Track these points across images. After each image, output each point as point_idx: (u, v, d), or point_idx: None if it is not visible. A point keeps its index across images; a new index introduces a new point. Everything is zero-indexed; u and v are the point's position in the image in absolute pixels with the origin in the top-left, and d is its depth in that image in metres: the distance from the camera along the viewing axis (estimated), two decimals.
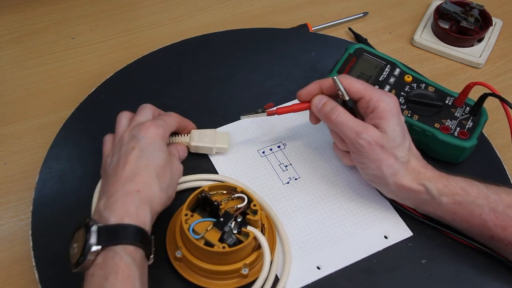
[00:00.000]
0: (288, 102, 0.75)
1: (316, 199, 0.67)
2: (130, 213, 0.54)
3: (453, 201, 0.60)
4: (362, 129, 0.60)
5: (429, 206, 0.62)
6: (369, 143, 0.60)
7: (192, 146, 0.69)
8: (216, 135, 0.70)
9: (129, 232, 0.53)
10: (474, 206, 0.60)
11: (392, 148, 0.60)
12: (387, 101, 0.61)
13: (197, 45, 0.83)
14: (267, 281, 0.59)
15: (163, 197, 0.58)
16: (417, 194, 0.61)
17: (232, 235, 0.58)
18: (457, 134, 0.68)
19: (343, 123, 0.61)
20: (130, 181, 0.56)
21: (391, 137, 0.60)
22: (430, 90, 0.72)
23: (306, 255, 0.63)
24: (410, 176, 0.61)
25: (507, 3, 0.96)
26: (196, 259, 0.58)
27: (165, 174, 0.59)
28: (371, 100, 0.61)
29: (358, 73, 0.73)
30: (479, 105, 0.69)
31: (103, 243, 0.52)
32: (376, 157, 0.60)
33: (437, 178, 0.61)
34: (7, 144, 0.74)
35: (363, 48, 0.75)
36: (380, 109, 0.61)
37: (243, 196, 0.61)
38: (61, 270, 0.59)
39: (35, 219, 0.64)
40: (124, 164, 0.58)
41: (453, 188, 0.60)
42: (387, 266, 0.62)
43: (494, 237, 0.60)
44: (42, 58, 0.84)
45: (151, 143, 0.60)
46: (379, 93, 0.62)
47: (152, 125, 0.61)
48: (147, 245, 0.54)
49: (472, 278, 0.62)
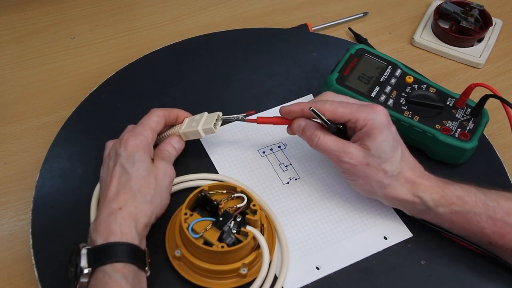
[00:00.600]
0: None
1: (315, 200, 0.67)
2: (114, 232, 0.54)
3: (450, 211, 0.60)
4: (343, 153, 0.60)
5: (426, 215, 0.62)
6: (352, 165, 0.60)
7: (181, 133, 0.67)
8: (204, 117, 0.67)
9: (115, 250, 0.53)
10: (472, 214, 0.59)
11: (379, 164, 0.60)
12: (374, 118, 0.60)
13: (197, 45, 0.83)
14: (266, 281, 0.59)
15: (148, 209, 0.58)
16: (412, 205, 0.61)
17: (231, 234, 0.58)
18: (458, 135, 0.68)
19: (324, 148, 0.61)
20: (112, 201, 0.57)
21: (376, 154, 0.59)
22: (431, 91, 0.72)
23: (305, 255, 0.63)
24: (403, 188, 0.61)
25: (507, 3, 0.96)
26: (195, 259, 0.58)
27: (147, 185, 0.59)
28: (357, 121, 0.60)
29: (359, 74, 0.73)
30: (480, 106, 0.69)
31: (92, 264, 0.53)
32: (363, 175, 0.60)
33: (433, 188, 0.60)
34: (7, 144, 0.74)
35: (365, 49, 0.75)
36: (367, 127, 0.60)
37: (242, 196, 0.61)
38: (61, 270, 0.59)
39: (35, 219, 0.64)
40: (109, 183, 0.58)
41: (449, 198, 0.60)
42: (387, 266, 0.63)
43: (493, 243, 0.60)
44: (42, 58, 0.84)
45: (130, 156, 0.60)
46: (365, 112, 0.60)
47: (129, 136, 0.61)
48: (138, 259, 0.54)
49: (471, 279, 0.62)
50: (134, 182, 0.58)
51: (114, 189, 0.58)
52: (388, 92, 0.71)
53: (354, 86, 0.71)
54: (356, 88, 0.71)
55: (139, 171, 0.59)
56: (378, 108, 0.61)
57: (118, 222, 0.55)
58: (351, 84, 0.72)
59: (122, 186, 0.58)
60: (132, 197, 0.57)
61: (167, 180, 0.61)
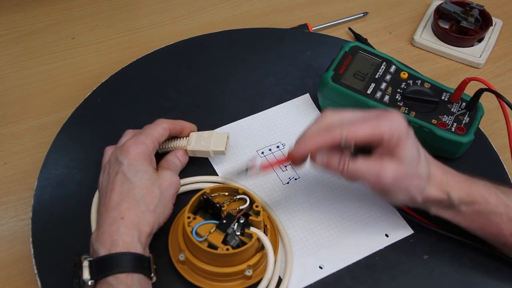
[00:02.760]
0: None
1: (316, 199, 0.67)
2: (116, 242, 0.54)
3: (472, 210, 0.59)
4: (379, 170, 0.55)
5: (448, 212, 0.60)
6: (392, 181, 0.56)
7: (189, 150, 0.67)
8: (213, 136, 0.67)
9: (118, 260, 0.53)
10: (493, 215, 0.59)
11: (414, 170, 0.56)
12: (398, 127, 0.55)
13: (197, 45, 0.83)
14: (271, 282, 0.59)
15: (151, 218, 0.57)
16: (440, 202, 0.59)
17: (236, 236, 0.58)
18: (454, 129, 0.69)
19: (357, 172, 0.56)
20: (114, 209, 0.56)
21: (409, 161, 0.56)
22: (426, 87, 0.72)
23: (308, 255, 0.63)
24: (434, 186, 0.58)
25: (507, 3, 0.96)
26: (200, 262, 0.58)
27: (151, 194, 0.58)
28: (383, 135, 0.55)
29: (355, 71, 0.73)
30: (475, 100, 0.70)
31: (95, 276, 0.53)
32: (402, 187, 0.57)
33: (460, 186, 0.59)
34: (7, 144, 0.74)
35: (359, 46, 0.75)
36: (394, 139, 0.55)
37: (245, 198, 0.60)
38: (61, 270, 0.60)
39: (35, 219, 0.64)
40: (111, 192, 0.58)
41: (474, 197, 0.58)
42: (390, 262, 0.63)
43: (507, 245, 0.60)
44: (42, 58, 0.84)
45: (132, 164, 0.59)
46: (387, 123, 0.55)
47: (131, 144, 0.60)
48: (142, 267, 0.54)
49: (473, 272, 0.63)
50: (137, 191, 0.57)
51: (116, 197, 0.57)
52: (383, 88, 0.71)
53: (349, 83, 0.71)
54: (352, 85, 0.71)
55: (142, 180, 0.58)
56: (395, 114, 0.56)
57: (121, 232, 0.54)
58: (347, 81, 0.72)
59: (125, 195, 0.57)
60: (134, 206, 0.56)
61: (172, 191, 0.61)
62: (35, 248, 0.61)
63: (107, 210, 0.56)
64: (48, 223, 0.63)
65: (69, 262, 0.56)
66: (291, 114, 0.75)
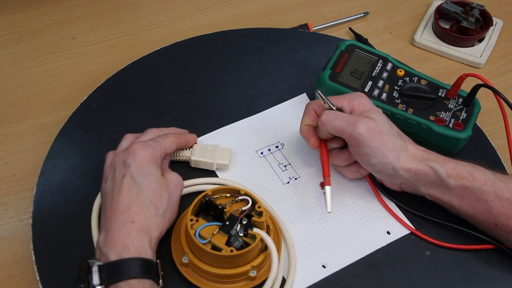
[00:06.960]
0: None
1: (317, 198, 0.67)
2: (128, 247, 0.53)
3: (460, 184, 0.60)
4: (357, 119, 0.62)
5: (437, 189, 0.62)
6: (367, 130, 0.61)
7: (193, 160, 0.68)
8: (217, 150, 0.69)
9: (130, 266, 0.52)
10: (481, 192, 0.60)
11: (388, 133, 0.62)
12: (363, 101, 0.64)
13: (197, 45, 0.83)
14: (276, 282, 0.59)
15: (160, 222, 0.57)
16: (426, 176, 0.61)
17: (239, 238, 0.58)
18: (452, 125, 0.69)
19: (336, 121, 0.62)
20: (124, 213, 0.55)
21: (383, 123, 0.62)
22: (422, 83, 0.72)
23: (311, 254, 0.63)
24: (413, 159, 0.62)
25: (507, 3, 0.96)
26: (203, 264, 0.58)
27: (160, 198, 0.58)
28: (353, 109, 0.64)
29: (351, 69, 0.73)
30: (472, 96, 0.70)
31: (105, 282, 0.52)
32: (378, 143, 0.61)
33: (444, 160, 0.61)
34: (8, 144, 0.74)
35: (355, 44, 0.75)
36: (361, 105, 0.64)
37: (247, 199, 0.60)
38: (61, 270, 0.59)
39: (35, 219, 0.64)
40: (118, 195, 0.57)
41: (460, 172, 0.60)
42: (393, 259, 0.63)
43: (498, 225, 0.60)
44: (43, 58, 0.84)
45: (140, 168, 0.58)
46: (350, 98, 0.65)
47: (139, 147, 0.60)
48: (151, 273, 0.53)
49: (475, 267, 0.63)
50: (146, 195, 0.57)
51: (124, 201, 0.56)
52: (381, 86, 0.72)
53: (347, 82, 0.72)
54: (349, 84, 0.72)
55: (150, 184, 0.58)
56: (360, 93, 0.66)
57: (132, 236, 0.54)
58: (344, 80, 0.72)
59: (134, 199, 0.56)
60: (144, 210, 0.56)
61: (178, 192, 0.61)
62: (36, 250, 0.61)
63: (115, 213, 0.56)
64: (48, 226, 0.63)
65: (69, 261, 0.56)
66: (289, 114, 0.76)
